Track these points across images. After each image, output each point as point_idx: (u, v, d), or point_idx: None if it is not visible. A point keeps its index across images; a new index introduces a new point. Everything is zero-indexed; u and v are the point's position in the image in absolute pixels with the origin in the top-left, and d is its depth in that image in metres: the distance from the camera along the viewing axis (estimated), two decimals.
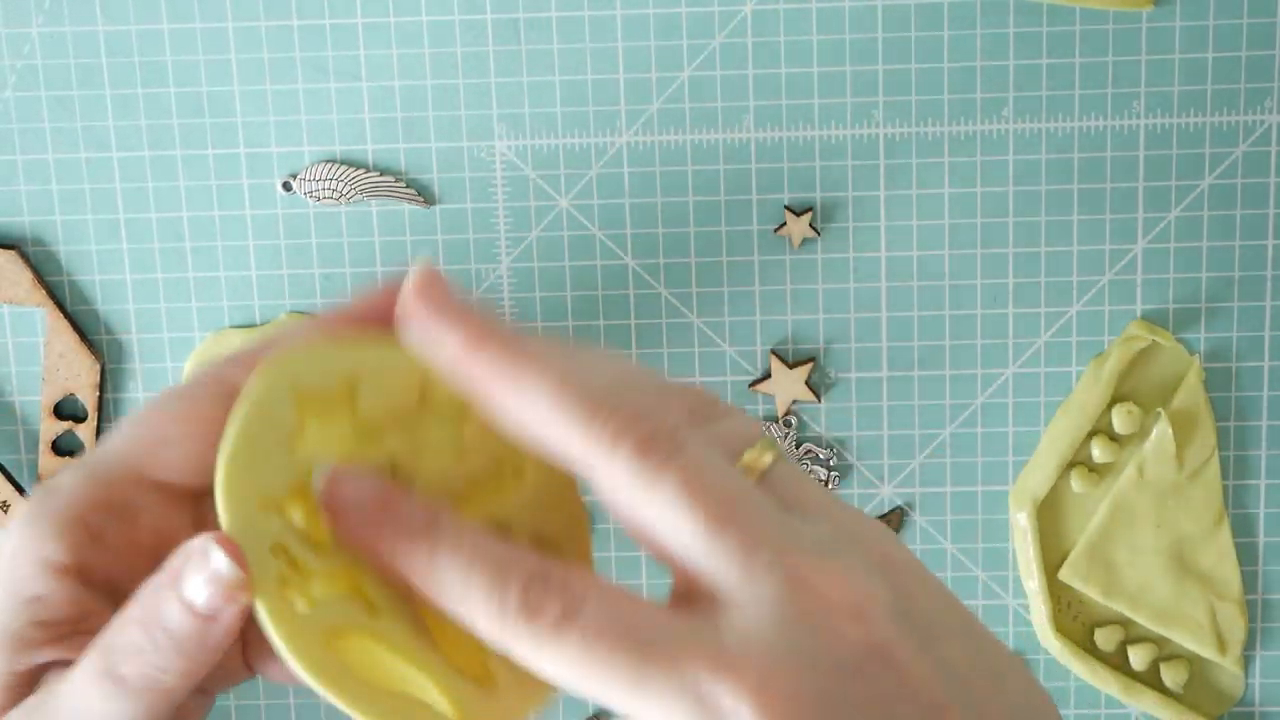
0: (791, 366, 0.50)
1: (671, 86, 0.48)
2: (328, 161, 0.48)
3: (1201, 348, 0.49)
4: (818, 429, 0.51)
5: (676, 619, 0.33)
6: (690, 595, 0.33)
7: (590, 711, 0.53)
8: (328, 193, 0.48)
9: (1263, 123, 0.48)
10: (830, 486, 0.51)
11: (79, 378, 0.49)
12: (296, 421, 0.37)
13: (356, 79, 0.48)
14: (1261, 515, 0.50)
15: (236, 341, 0.49)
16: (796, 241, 0.49)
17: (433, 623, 0.38)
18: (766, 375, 0.50)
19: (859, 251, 0.49)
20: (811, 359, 0.50)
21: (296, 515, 0.36)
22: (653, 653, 0.32)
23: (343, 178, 0.48)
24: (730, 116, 0.48)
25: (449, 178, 0.49)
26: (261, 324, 0.50)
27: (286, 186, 0.49)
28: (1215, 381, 0.50)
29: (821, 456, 0.51)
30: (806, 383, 0.50)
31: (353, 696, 0.36)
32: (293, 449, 0.37)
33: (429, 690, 0.37)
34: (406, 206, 0.49)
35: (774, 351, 0.50)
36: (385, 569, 0.36)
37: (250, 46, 0.48)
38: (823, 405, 0.50)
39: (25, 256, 0.49)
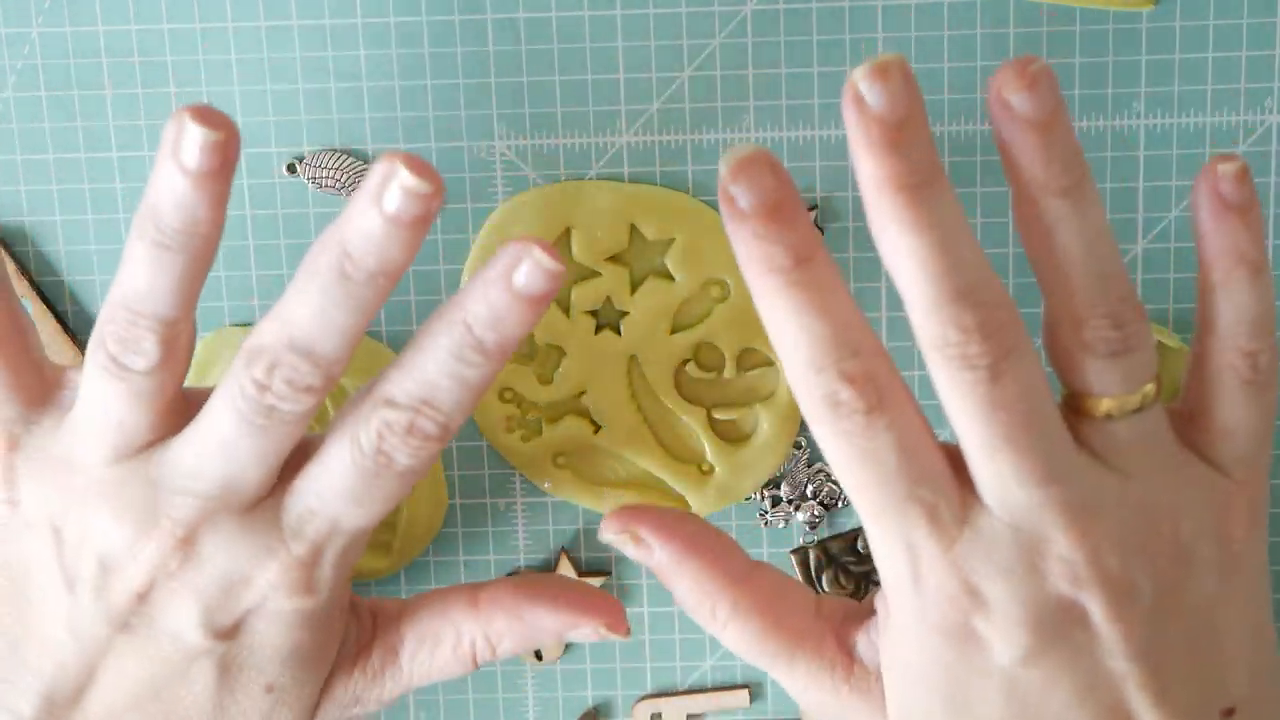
0: None
1: (671, 86, 0.48)
2: (332, 150, 0.48)
3: None
4: None
5: (945, 479, 0.39)
6: (961, 468, 0.39)
7: (589, 705, 0.53)
8: (330, 180, 0.48)
9: (1263, 123, 0.48)
10: (841, 506, 0.51)
11: None
12: None
13: (357, 79, 0.48)
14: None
15: (239, 339, 0.49)
16: None
17: (654, 426, 0.50)
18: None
19: (859, 251, 0.49)
20: None
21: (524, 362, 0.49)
22: (905, 496, 0.38)
23: (346, 168, 0.48)
24: (730, 116, 0.48)
25: (449, 178, 0.49)
26: None
27: (291, 169, 0.48)
28: None
29: (834, 477, 0.51)
30: None
31: (590, 497, 0.51)
32: None
33: (663, 480, 0.50)
34: None
35: None
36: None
37: (250, 46, 0.48)
38: None
39: (6, 245, 0.49)
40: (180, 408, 0.42)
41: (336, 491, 0.41)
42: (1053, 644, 0.39)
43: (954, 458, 0.39)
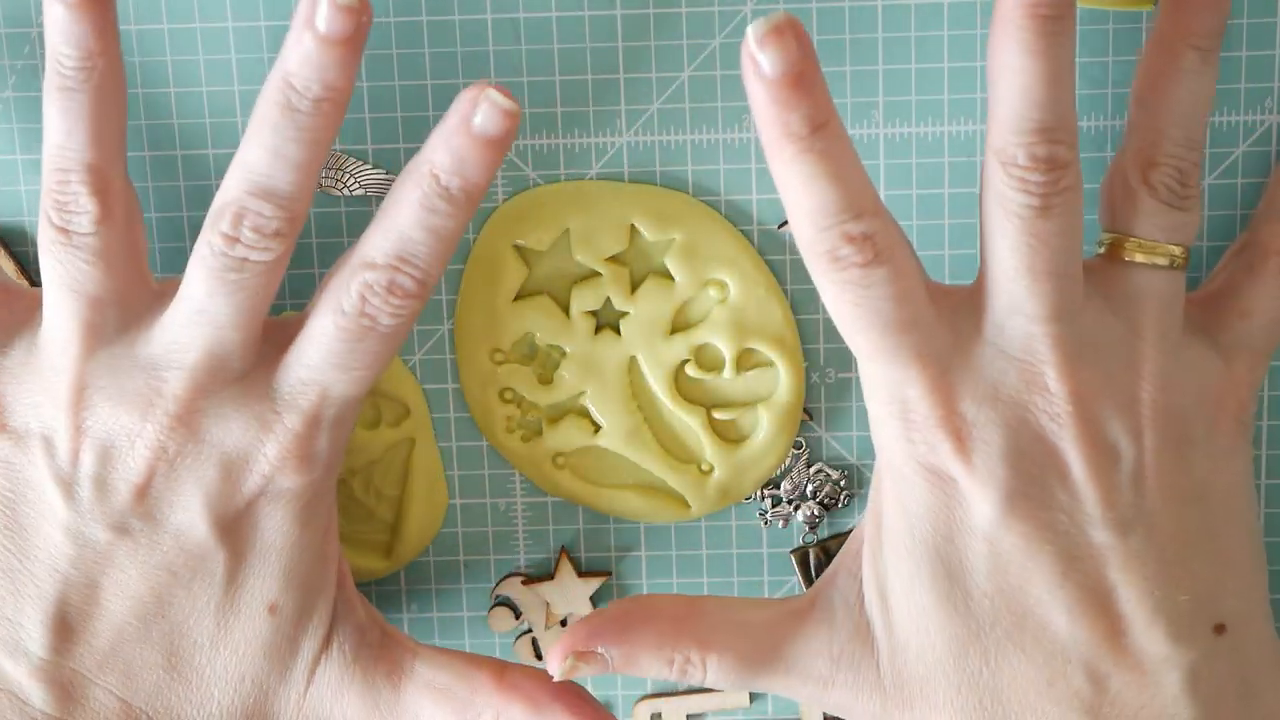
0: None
1: (671, 86, 0.48)
2: (333, 150, 0.48)
3: None
4: (819, 429, 0.51)
5: (938, 323, 0.41)
6: (969, 302, 0.42)
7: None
8: (330, 180, 0.48)
9: (1263, 123, 0.48)
10: (841, 506, 0.51)
11: None
12: (517, 274, 0.49)
13: (357, 79, 0.48)
14: (1261, 515, 0.50)
15: None
16: None
17: (654, 426, 0.50)
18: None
19: None
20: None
21: (524, 361, 0.49)
22: (898, 338, 0.40)
23: (347, 168, 0.48)
24: (730, 116, 0.48)
25: None
26: None
27: None
28: None
29: (833, 477, 0.51)
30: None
31: (590, 498, 0.50)
32: (516, 300, 0.49)
33: (663, 480, 0.50)
34: None
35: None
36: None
37: (250, 47, 0.48)
38: (822, 407, 0.50)
39: (6, 245, 0.49)
40: (150, 289, 0.43)
41: (324, 359, 0.42)
42: (1031, 494, 0.40)
43: (955, 308, 0.41)
